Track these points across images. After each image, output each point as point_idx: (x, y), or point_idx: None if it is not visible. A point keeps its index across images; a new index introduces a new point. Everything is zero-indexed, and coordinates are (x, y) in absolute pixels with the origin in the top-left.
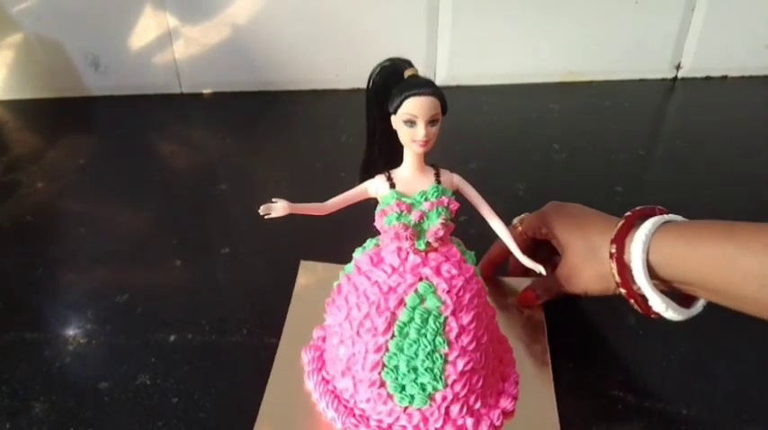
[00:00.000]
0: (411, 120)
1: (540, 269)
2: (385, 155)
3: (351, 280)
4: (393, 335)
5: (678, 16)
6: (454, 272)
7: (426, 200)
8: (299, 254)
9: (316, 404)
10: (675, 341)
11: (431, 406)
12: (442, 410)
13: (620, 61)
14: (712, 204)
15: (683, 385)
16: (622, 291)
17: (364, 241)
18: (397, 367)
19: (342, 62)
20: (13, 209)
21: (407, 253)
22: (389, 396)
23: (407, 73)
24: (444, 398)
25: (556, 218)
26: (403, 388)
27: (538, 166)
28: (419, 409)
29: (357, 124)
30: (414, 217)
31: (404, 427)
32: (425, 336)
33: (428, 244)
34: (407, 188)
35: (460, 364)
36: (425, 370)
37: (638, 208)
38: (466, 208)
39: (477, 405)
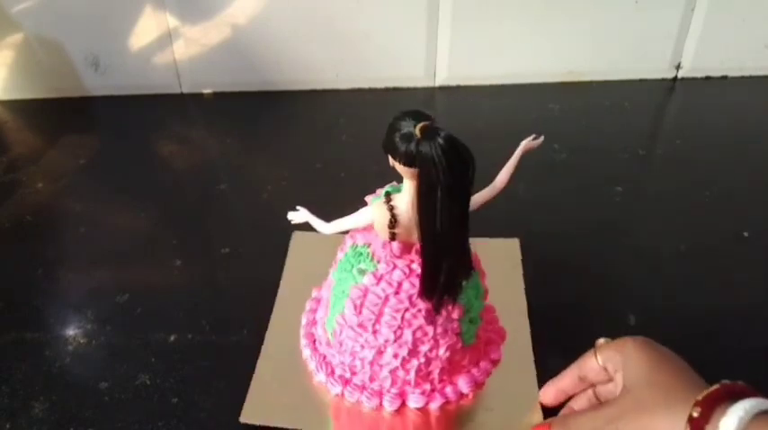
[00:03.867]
0: None
1: None
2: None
3: None
4: None
5: (678, 16)
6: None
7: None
8: None
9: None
10: (677, 342)
11: None
12: None
13: (620, 61)
14: (712, 204)
15: None
16: None
17: None
18: None
19: (342, 62)
20: (13, 209)
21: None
22: None
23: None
24: None
25: (635, 352)
26: None
27: (538, 166)
28: None
29: (357, 124)
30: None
31: None
32: None
33: None
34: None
35: None
36: None
37: (738, 382)
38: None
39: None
